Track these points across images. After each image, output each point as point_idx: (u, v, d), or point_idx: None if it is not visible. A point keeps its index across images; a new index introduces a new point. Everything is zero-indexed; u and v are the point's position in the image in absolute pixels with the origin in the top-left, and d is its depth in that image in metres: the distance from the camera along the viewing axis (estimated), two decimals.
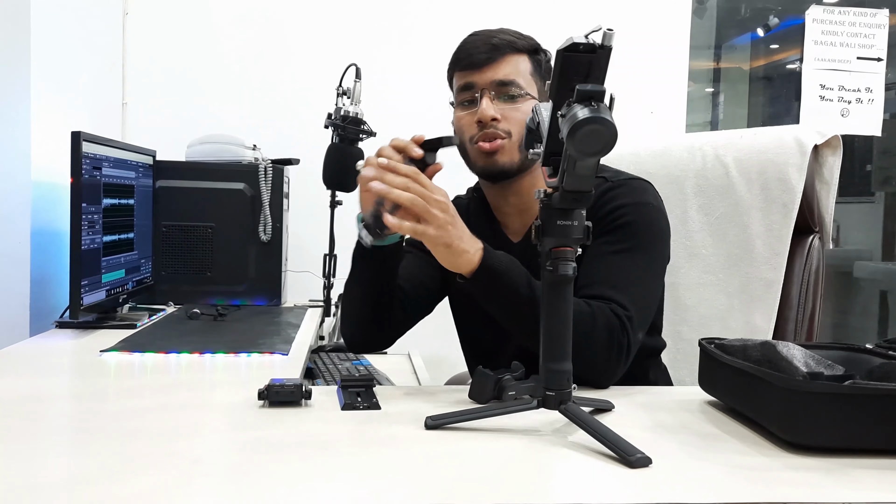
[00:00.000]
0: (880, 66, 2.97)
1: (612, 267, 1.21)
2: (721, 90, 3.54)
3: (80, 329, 1.58)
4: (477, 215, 1.40)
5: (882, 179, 3.60)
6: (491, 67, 1.28)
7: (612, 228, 1.23)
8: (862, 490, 0.75)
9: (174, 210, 2.00)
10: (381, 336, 1.32)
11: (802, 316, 1.54)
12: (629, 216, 1.24)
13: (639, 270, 1.22)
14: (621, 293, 1.17)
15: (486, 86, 1.28)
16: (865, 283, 3.69)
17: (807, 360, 0.91)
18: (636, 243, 1.23)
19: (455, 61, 1.33)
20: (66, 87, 1.94)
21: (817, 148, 1.56)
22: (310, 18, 2.54)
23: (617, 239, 1.23)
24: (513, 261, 1.15)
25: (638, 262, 1.23)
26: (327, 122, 1.89)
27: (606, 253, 1.21)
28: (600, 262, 1.20)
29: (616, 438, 0.83)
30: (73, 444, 0.89)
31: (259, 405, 1.00)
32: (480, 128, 1.28)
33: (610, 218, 1.24)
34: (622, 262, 1.21)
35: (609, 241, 1.22)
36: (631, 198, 1.27)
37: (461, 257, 1.10)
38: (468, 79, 1.30)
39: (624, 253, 1.22)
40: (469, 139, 1.30)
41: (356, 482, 0.75)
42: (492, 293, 1.14)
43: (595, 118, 0.76)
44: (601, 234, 1.22)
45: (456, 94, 1.34)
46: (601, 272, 1.20)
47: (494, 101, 1.28)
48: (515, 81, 1.28)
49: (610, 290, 1.17)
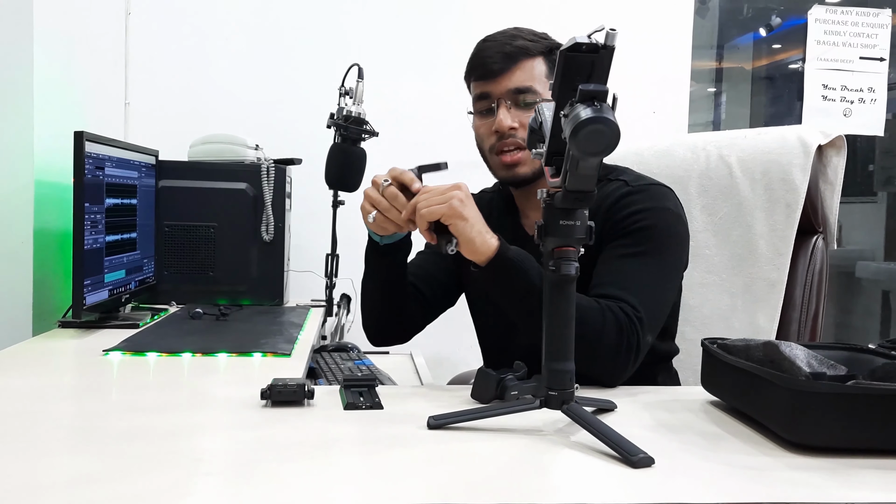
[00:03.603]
0: (883, 65, 2.97)
1: (623, 269, 1.22)
2: (723, 90, 3.53)
3: (83, 329, 1.58)
4: (499, 210, 1.44)
5: (884, 179, 3.59)
6: (505, 76, 1.29)
7: (629, 232, 1.24)
8: (864, 490, 0.75)
9: (177, 210, 2.00)
10: (398, 329, 1.41)
11: (806, 316, 1.54)
12: (646, 220, 1.25)
13: (651, 274, 1.23)
14: (632, 294, 1.17)
15: (502, 95, 1.29)
16: (868, 283, 3.68)
17: (809, 361, 0.91)
18: (651, 247, 1.24)
19: (470, 70, 1.35)
20: (68, 86, 1.94)
21: (821, 148, 1.56)
22: (312, 18, 2.54)
23: (632, 242, 1.23)
24: (528, 255, 1.16)
25: (651, 265, 1.23)
26: (329, 122, 1.88)
27: (620, 255, 1.23)
28: (613, 265, 1.22)
29: (619, 438, 0.82)
30: (76, 443, 0.89)
31: (261, 405, 1.00)
32: (499, 137, 1.29)
33: (627, 222, 1.25)
34: (635, 265, 1.22)
35: (624, 245, 1.23)
36: (650, 203, 1.27)
37: (481, 237, 1.12)
38: (484, 88, 1.32)
39: (638, 256, 1.22)
40: (489, 148, 1.33)
41: (359, 482, 0.75)
42: (505, 283, 1.15)
43: (598, 118, 0.76)
44: (617, 237, 1.23)
45: (473, 102, 1.36)
46: (613, 274, 1.21)
47: (511, 109, 1.29)
48: (531, 88, 1.29)
49: (620, 290, 1.18)
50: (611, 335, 1.12)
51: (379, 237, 1.26)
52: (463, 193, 1.11)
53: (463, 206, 1.10)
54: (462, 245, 1.12)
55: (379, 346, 1.47)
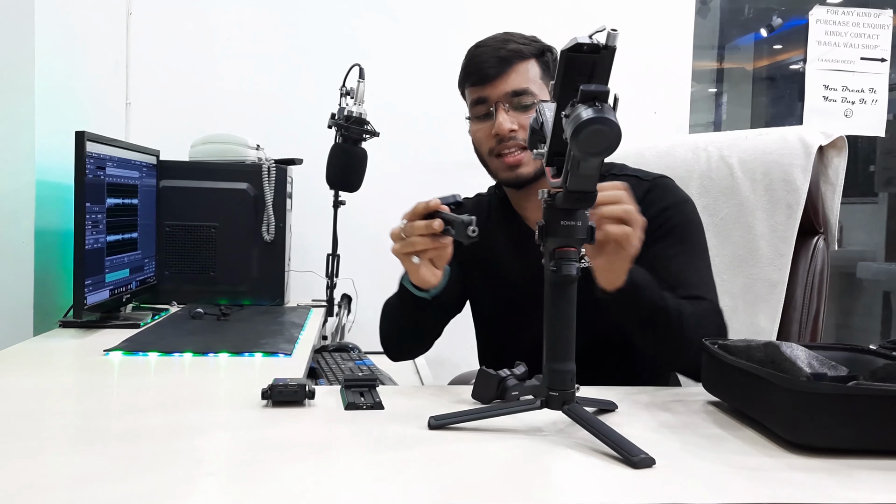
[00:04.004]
0: (884, 66, 2.97)
1: (682, 268, 1.25)
2: (724, 90, 3.53)
3: (84, 328, 1.58)
4: (499, 211, 1.43)
5: (885, 180, 3.59)
6: (502, 80, 1.29)
7: (666, 232, 1.27)
8: (865, 491, 0.75)
9: (178, 210, 2.00)
10: (421, 348, 1.42)
11: (806, 317, 1.54)
12: (676, 217, 1.29)
13: (705, 268, 1.29)
14: (705, 291, 1.23)
15: (500, 98, 1.30)
16: (868, 283, 3.68)
17: (810, 361, 0.91)
18: (693, 242, 1.30)
19: (465, 76, 1.35)
20: (70, 86, 1.94)
21: (822, 149, 1.56)
22: (313, 18, 2.55)
23: (675, 241, 1.27)
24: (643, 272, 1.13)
25: (702, 259, 1.30)
26: (331, 123, 1.89)
27: (672, 256, 1.26)
28: (671, 265, 1.24)
29: (620, 439, 0.82)
30: (77, 443, 0.89)
31: (262, 405, 1.00)
32: (498, 140, 1.30)
33: (659, 221, 1.26)
34: (690, 263, 1.27)
35: (670, 244, 1.26)
36: (671, 198, 1.32)
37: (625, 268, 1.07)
38: (480, 93, 1.32)
39: (687, 254, 1.28)
40: (488, 151, 1.33)
41: (359, 482, 0.75)
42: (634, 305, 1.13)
43: (599, 118, 0.76)
44: (656, 238, 1.24)
45: (470, 108, 1.36)
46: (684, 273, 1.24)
47: (509, 112, 1.29)
48: (528, 90, 1.29)
49: (694, 289, 1.22)
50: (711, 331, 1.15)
51: (426, 293, 1.23)
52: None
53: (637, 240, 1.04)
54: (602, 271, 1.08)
55: (398, 361, 1.48)
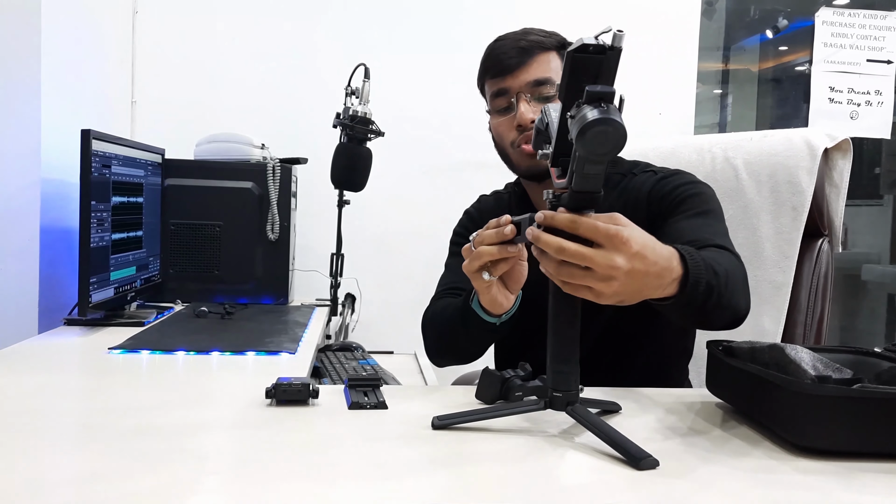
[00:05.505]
0: (890, 68, 2.96)
1: (703, 226, 1.21)
2: (729, 92, 3.52)
3: (89, 326, 1.58)
4: (518, 207, 1.42)
5: (891, 182, 3.58)
6: (523, 70, 1.29)
7: (682, 200, 1.26)
8: (869, 494, 0.74)
9: (182, 208, 2.00)
10: (475, 358, 1.31)
11: (811, 319, 1.54)
12: (692, 189, 1.28)
13: (722, 227, 1.25)
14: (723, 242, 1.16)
15: (521, 88, 1.29)
16: (873, 286, 3.67)
17: (815, 364, 0.91)
18: (711, 207, 1.26)
19: (485, 69, 1.34)
20: (75, 85, 1.95)
21: (827, 151, 1.56)
22: (319, 18, 2.55)
23: (693, 205, 1.25)
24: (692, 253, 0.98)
25: (718, 221, 1.25)
26: (336, 122, 1.89)
27: (691, 216, 1.23)
28: (690, 224, 1.21)
29: (623, 440, 0.82)
30: (81, 441, 0.89)
31: (266, 404, 1.00)
32: (520, 131, 1.29)
33: (674, 195, 1.27)
34: (710, 222, 1.23)
35: (689, 208, 1.24)
36: (687, 178, 1.31)
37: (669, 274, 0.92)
38: (501, 84, 1.31)
39: (707, 214, 1.24)
40: (510, 143, 1.32)
41: (363, 481, 0.75)
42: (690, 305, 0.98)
43: (604, 119, 0.76)
44: (673, 210, 1.24)
45: (490, 101, 1.34)
46: (696, 231, 1.18)
47: (531, 102, 1.28)
48: (549, 79, 1.28)
49: (713, 240, 1.14)
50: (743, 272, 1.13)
51: (495, 318, 1.13)
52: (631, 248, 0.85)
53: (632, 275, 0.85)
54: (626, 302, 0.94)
55: (441, 367, 1.41)
